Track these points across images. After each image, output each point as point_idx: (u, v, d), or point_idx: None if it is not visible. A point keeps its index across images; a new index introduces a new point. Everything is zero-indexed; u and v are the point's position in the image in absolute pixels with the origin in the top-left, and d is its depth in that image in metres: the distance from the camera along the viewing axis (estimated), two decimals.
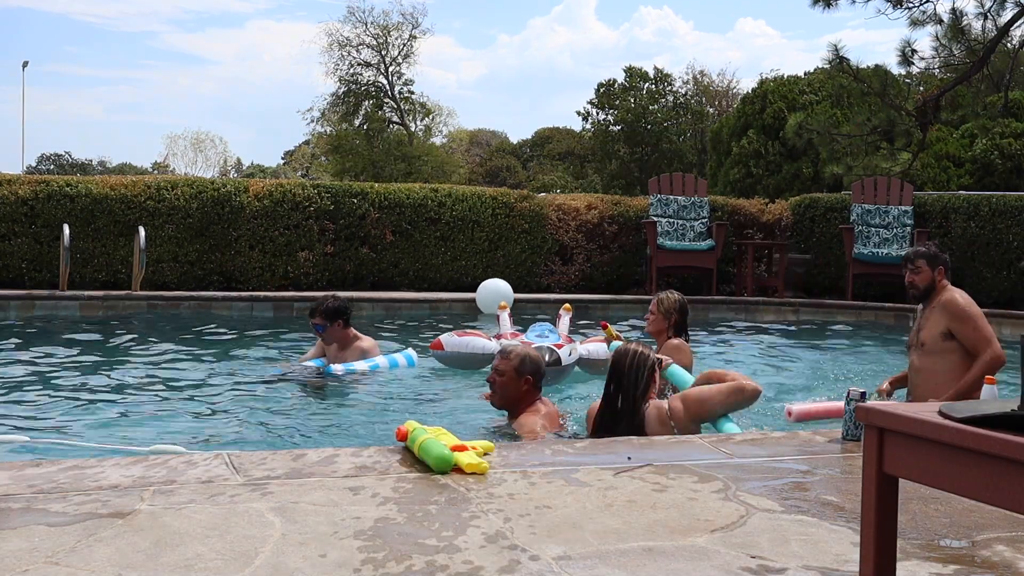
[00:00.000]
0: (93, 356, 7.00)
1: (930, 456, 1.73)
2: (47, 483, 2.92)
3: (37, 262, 10.26)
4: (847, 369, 7.11)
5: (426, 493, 2.92)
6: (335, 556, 2.39)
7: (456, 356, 6.38)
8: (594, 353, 6.39)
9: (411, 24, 41.35)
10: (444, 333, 6.67)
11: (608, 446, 3.64)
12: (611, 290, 11.98)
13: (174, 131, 63.36)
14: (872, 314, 10.85)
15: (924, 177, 15.70)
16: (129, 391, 5.77)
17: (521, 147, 50.62)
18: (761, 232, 12.59)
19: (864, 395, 3.68)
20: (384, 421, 5.05)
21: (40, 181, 10.47)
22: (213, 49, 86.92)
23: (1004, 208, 11.16)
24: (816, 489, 3.11)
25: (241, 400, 5.57)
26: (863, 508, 1.87)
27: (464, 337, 6.45)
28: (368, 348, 6.32)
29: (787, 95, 18.60)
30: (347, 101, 40.79)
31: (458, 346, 6.37)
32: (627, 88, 36.70)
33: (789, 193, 15.85)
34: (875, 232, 11.51)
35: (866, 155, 10.83)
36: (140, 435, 4.64)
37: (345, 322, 6.30)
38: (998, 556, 2.54)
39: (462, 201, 11.68)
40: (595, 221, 12.08)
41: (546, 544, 2.52)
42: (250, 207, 10.83)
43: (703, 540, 2.59)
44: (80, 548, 2.39)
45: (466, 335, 6.50)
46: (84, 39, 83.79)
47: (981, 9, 10.04)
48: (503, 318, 6.89)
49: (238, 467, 3.15)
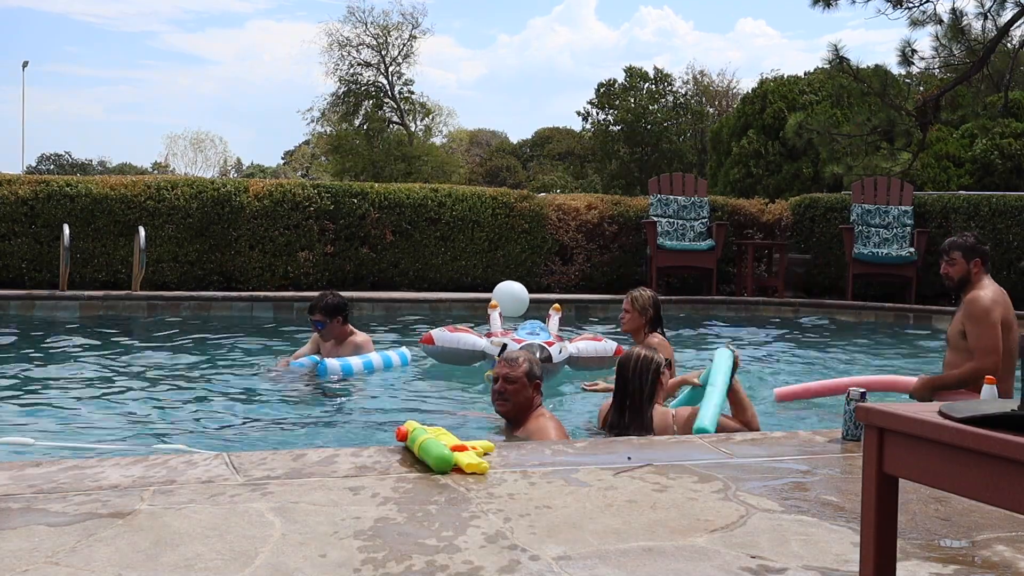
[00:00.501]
0: (92, 356, 7.00)
1: (930, 456, 1.73)
2: (47, 483, 2.92)
3: (37, 262, 10.26)
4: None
5: (426, 493, 2.92)
6: (335, 556, 2.39)
7: (447, 351, 6.40)
8: (584, 351, 6.41)
9: (411, 24, 41.38)
10: (435, 328, 6.68)
11: (608, 446, 3.64)
12: (611, 290, 11.97)
13: (174, 131, 63.46)
14: (872, 314, 10.85)
15: (924, 177, 15.70)
16: (128, 391, 5.77)
17: (521, 147, 50.62)
18: (761, 232, 12.59)
19: (864, 395, 3.67)
20: (384, 421, 5.06)
21: (40, 181, 10.47)
22: (213, 49, 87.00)
23: (1004, 208, 11.17)
24: (816, 489, 3.11)
25: (241, 400, 5.57)
26: (863, 508, 1.87)
27: (456, 333, 6.45)
28: (362, 343, 6.34)
29: (787, 95, 18.59)
30: (347, 101, 40.80)
31: (450, 342, 6.38)
32: (627, 88, 36.70)
33: (789, 193, 15.85)
34: (875, 232, 11.51)
35: (866, 155, 10.84)
36: (140, 435, 4.64)
37: (344, 319, 6.34)
38: (998, 556, 2.54)
39: (462, 201, 11.68)
40: (595, 221, 12.08)
41: (546, 544, 2.52)
42: (250, 207, 10.83)
43: (703, 540, 2.59)
44: (80, 548, 2.39)
45: (457, 331, 6.50)
46: (84, 39, 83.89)
47: (981, 9, 10.05)
48: (493, 317, 6.87)
49: (238, 467, 3.15)
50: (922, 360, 7.95)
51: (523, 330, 6.40)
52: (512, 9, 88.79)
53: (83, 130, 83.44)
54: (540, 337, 6.20)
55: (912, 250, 11.29)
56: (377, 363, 6.25)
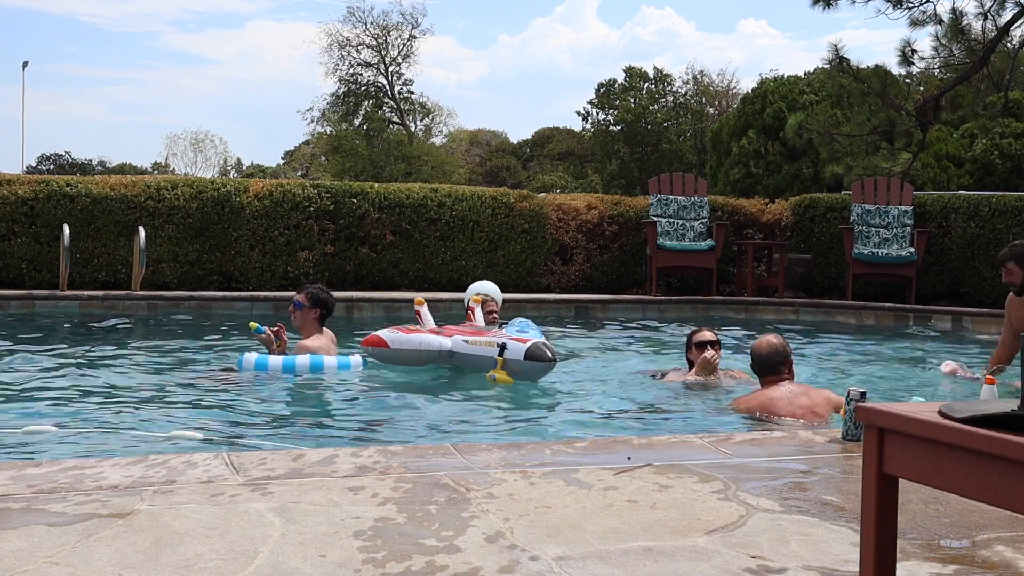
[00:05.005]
0: (92, 357, 7.00)
1: (930, 456, 1.73)
2: (47, 483, 2.92)
3: (37, 262, 10.26)
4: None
5: (426, 493, 2.92)
6: (335, 556, 2.39)
7: (404, 353, 6.20)
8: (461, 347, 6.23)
9: (411, 24, 41.42)
10: (382, 329, 6.42)
11: (608, 446, 3.65)
12: (611, 290, 11.98)
13: (174, 131, 63.44)
14: (872, 314, 10.85)
15: (924, 177, 15.69)
16: (128, 392, 5.76)
17: (521, 147, 50.62)
18: (761, 232, 12.58)
19: (864, 395, 3.68)
20: (384, 421, 5.05)
21: (40, 181, 10.47)
22: (214, 49, 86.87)
23: (1004, 208, 11.16)
24: (816, 489, 3.11)
25: (241, 400, 5.56)
26: (863, 508, 1.87)
27: (413, 335, 6.26)
28: (312, 346, 6.18)
29: (787, 95, 18.58)
30: (347, 101, 40.85)
31: (409, 344, 6.18)
32: (627, 88, 36.73)
33: (789, 193, 15.84)
34: (875, 232, 11.51)
35: (866, 155, 10.85)
36: (139, 435, 4.63)
37: (322, 316, 6.30)
38: (998, 556, 2.54)
39: (462, 201, 11.68)
40: (595, 221, 12.08)
41: (546, 544, 2.52)
42: (250, 207, 10.83)
43: (703, 540, 2.59)
44: (80, 548, 2.39)
45: (413, 332, 6.32)
46: (85, 40, 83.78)
47: (981, 9, 10.05)
48: (423, 313, 6.69)
49: (238, 467, 3.15)
50: (922, 362, 7.95)
51: (512, 327, 6.27)
52: (515, 9, 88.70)
53: (83, 130, 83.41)
54: (530, 334, 6.09)
55: (912, 250, 11.29)
56: (331, 367, 6.07)
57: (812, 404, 4.77)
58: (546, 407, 5.55)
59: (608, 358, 7.63)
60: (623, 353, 8.05)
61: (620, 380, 6.33)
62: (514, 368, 5.79)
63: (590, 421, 5.10)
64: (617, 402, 5.61)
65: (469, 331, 6.32)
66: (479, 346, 6.03)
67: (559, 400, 5.72)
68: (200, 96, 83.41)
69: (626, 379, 6.37)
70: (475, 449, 3.52)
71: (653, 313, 10.79)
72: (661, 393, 5.79)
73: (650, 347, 8.48)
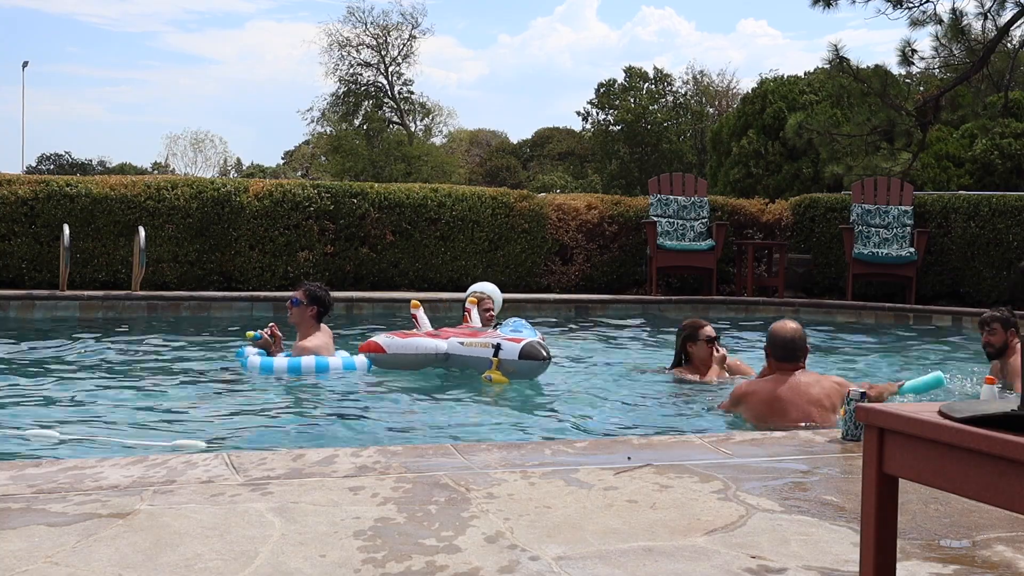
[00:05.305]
0: (91, 357, 7.00)
1: (930, 456, 1.73)
2: (47, 483, 2.92)
3: (37, 262, 10.26)
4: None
5: (426, 493, 2.92)
6: (335, 556, 2.39)
7: (402, 358, 6.20)
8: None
9: (411, 24, 41.43)
10: (378, 335, 6.44)
11: (608, 446, 3.65)
12: (611, 290, 11.98)
13: (174, 131, 63.44)
14: (872, 314, 10.85)
15: (924, 177, 15.69)
16: (128, 392, 5.76)
17: (521, 147, 50.62)
18: (761, 232, 12.59)
19: (864, 395, 3.68)
20: (384, 421, 5.05)
21: (40, 181, 10.47)
22: (214, 49, 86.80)
23: (1004, 208, 11.17)
24: (816, 489, 3.11)
25: (241, 400, 5.56)
26: (863, 508, 1.87)
27: (409, 339, 6.26)
28: (311, 346, 6.19)
29: (787, 95, 18.58)
30: (347, 101, 40.86)
31: (405, 348, 6.18)
32: (627, 88, 36.73)
33: (789, 193, 15.84)
34: (875, 232, 11.51)
35: (866, 155, 10.84)
36: (139, 436, 4.63)
37: (319, 314, 6.31)
38: (998, 556, 2.54)
39: (462, 201, 11.68)
40: (595, 221, 12.08)
41: (546, 544, 2.52)
42: (250, 207, 10.83)
43: (703, 540, 2.59)
44: (80, 548, 2.39)
45: (409, 336, 6.33)
46: (85, 40, 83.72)
47: (981, 9, 10.05)
48: (420, 316, 6.70)
49: (238, 467, 3.15)
50: (921, 360, 7.95)
51: (507, 327, 6.27)
52: (515, 9, 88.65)
53: (83, 130, 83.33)
54: (524, 333, 6.09)
55: (912, 250, 11.29)
56: (336, 367, 6.07)
57: (825, 393, 4.57)
58: (546, 407, 5.55)
59: (608, 358, 7.63)
60: (623, 353, 8.05)
61: (620, 380, 6.34)
62: (509, 368, 5.81)
63: (590, 421, 5.11)
64: (617, 402, 5.62)
65: (465, 333, 6.33)
66: (474, 347, 6.04)
67: (559, 400, 5.72)
68: (200, 96, 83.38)
69: (626, 379, 6.37)
70: (475, 449, 3.53)
71: (653, 313, 10.80)
72: (663, 390, 5.80)
73: (650, 347, 8.48)
